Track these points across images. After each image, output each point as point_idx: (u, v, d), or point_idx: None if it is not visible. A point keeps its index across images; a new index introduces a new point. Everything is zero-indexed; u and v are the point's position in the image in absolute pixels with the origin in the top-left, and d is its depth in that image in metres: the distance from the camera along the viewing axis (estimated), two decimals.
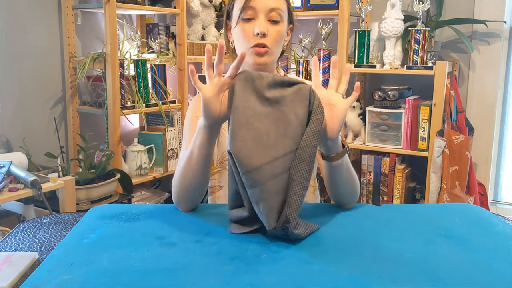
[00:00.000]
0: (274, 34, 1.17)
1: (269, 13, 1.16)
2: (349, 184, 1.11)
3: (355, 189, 1.13)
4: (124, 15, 2.75)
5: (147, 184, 2.83)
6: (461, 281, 0.79)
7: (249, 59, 1.19)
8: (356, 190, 1.13)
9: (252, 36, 1.16)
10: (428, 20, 2.48)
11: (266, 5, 1.15)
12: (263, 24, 1.15)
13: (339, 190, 1.11)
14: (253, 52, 1.17)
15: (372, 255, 0.88)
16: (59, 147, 2.35)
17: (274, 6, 1.16)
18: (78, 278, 0.78)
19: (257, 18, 1.16)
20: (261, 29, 1.14)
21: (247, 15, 1.16)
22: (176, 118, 2.72)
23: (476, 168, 2.52)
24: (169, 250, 0.89)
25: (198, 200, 1.13)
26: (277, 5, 1.17)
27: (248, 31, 1.17)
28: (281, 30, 1.18)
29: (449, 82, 2.35)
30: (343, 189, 1.11)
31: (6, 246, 0.96)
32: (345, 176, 1.09)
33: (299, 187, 0.91)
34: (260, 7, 1.15)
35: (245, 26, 1.17)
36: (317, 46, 2.75)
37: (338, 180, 1.09)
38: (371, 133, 2.54)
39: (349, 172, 1.10)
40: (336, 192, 1.12)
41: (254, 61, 1.18)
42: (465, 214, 1.11)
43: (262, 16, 1.16)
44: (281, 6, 1.18)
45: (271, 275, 0.80)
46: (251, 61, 1.19)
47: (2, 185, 1.71)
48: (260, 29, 1.14)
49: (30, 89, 2.32)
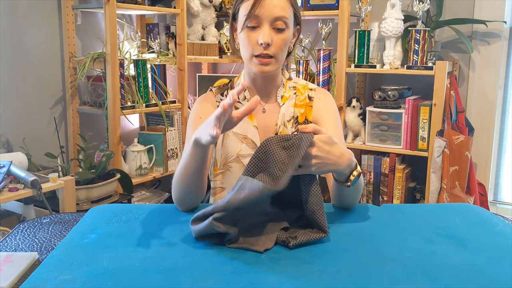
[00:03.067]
0: (279, 43, 1.16)
1: (274, 22, 1.15)
2: (354, 196, 1.12)
3: (357, 197, 1.14)
4: (124, 15, 2.75)
5: (147, 184, 2.83)
6: (461, 281, 0.79)
7: (254, 68, 1.19)
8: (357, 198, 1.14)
9: (256, 45, 1.16)
10: (428, 20, 2.48)
11: (271, 14, 1.14)
12: (267, 34, 1.14)
13: (342, 203, 1.14)
14: (257, 62, 1.17)
15: (372, 255, 0.88)
16: (59, 147, 2.35)
17: (279, 15, 1.14)
18: (78, 278, 0.78)
19: (262, 27, 1.15)
20: (265, 40, 1.13)
21: (252, 23, 1.15)
22: (176, 118, 2.72)
23: (476, 168, 2.52)
24: (169, 250, 0.89)
25: (197, 202, 1.14)
26: (282, 14, 1.15)
27: (253, 39, 1.16)
28: (286, 37, 1.17)
29: (449, 82, 2.35)
30: (347, 202, 1.14)
31: (6, 246, 0.96)
32: (351, 192, 1.10)
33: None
34: (265, 16, 1.14)
35: (250, 33, 1.16)
36: (317, 46, 2.75)
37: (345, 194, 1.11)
38: (371, 133, 2.54)
39: (357, 190, 1.11)
40: (340, 203, 1.15)
41: (259, 70, 1.18)
42: (465, 214, 1.11)
43: (266, 25, 1.14)
44: (287, 13, 1.16)
45: (271, 275, 0.80)
46: (256, 70, 1.19)
47: (2, 185, 1.71)
48: (264, 40, 1.13)
49: (30, 89, 2.32)
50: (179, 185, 1.09)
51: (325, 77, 2.58)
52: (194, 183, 1.08)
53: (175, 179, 1.11)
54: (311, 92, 1.31)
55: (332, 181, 1.12)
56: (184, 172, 1.07)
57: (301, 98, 1.30)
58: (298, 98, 1.30)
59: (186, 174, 1.07)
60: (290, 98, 1.30)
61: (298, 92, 1.31)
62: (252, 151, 1.27)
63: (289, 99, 1.29)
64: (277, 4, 1.14)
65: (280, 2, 1.15)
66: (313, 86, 1.33)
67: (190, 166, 1.05)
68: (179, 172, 1.09)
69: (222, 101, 1.07)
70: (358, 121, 2.57)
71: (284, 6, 1.15)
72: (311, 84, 1.34)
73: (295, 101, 1.30)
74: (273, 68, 1.19)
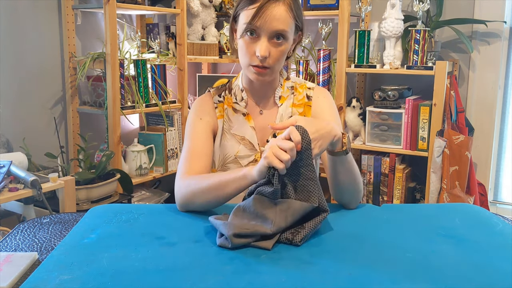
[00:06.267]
0: (276, 55, 1.15)
1: (273, 35, 1.13)
2: (351, 180, 1.10)
3: (357, 188, 1.12)
4: (124, 15, 2.75)
5: (147, 184, 2.83)
6: (461, 281, 0.79)
7: (250, 76, 1.19)
8: (358, 189, 1.13)
9: (253, 55, 1.15)
10: (428, 20, 2.48)
11: (271, 27, 1.12)
12: (264, 48, 1.12)
13: (340, 186, 1.11)
14: (254, 71, 1.17)
15: (372, 255, 0.88)
16: (59, 147, 2.35)
17: (278, 28, 1.12)
18: (78, 278, 0.78)
19: (260, 38, 1.13)
20: (262, 54, 1.12)
21: (251, 33, 1.14)
22: (176, 118, 2.72)
23: (476, 168, 2.52)
24: (169, 250, 0.89)
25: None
26: (282, 28, 1.13)
27: (250, 49, 1.15)
28: (284, 49, 1.16)
29: (449, 82, 2.35)
30: (344, 185, 1.11)
31: (6, 246, 0.96)
32: (346, 169, 1.09)
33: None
34: (265, 29, 1.12)
35: (248, 43, 1.15)
36: (317, 46, 2.75)
37: (339, 172, 1.09)
38: (371, 133, 2.54)
39: (351, 167, 1.10)
40: (338, 187, 1.12)
41: (254, 78, 1.19)
42: (465, 214, 1.11)
43: (265, 38, 1.13)
44: (287, 27, 1.13)
45: (271, 275, 0.80)
46: (252, 78, 1.19)
47: (2, 185, 1.71)
48: (261, 53, 1.12)
49: (30, 89, 2.32)
50: (201, 197, 1.08)
51: (325, 77, 2.58)
52: (218, 201, 1.09)
53: (197, 188, 1.08)
54: (310, 91, 1.31)
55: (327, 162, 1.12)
56: (215, 189, 1.06)
57: (299, 98, 1.30)
58: (296, 98, 1.30)
59: (217, 192, 1.06)
60: (288, 98, 1.29)
61: (296, 92, 1.30)
62: (250, 152, 1.27)
63: (287, 99, 1.29)
64: (277, 17, 1.11)
65: (282, 15, 1.12)
66: (311, 85, 1.33)
67: (226, 189, 1.05)
68: (208, 186, 1.07)
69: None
70: (358, 121, 2.57)
71: (285, 19, 1.12)
72: (309, 83, 1.33)
73: (293, 100, 1.29)
74: (269, 78, 1.20)
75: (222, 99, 1.30)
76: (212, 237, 0.95)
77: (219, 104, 1.30)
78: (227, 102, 1.30)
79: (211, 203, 1.09)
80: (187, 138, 1.24)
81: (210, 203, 1.09)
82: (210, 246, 0.91)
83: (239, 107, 1.28)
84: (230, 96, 1.30)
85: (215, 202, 1.09)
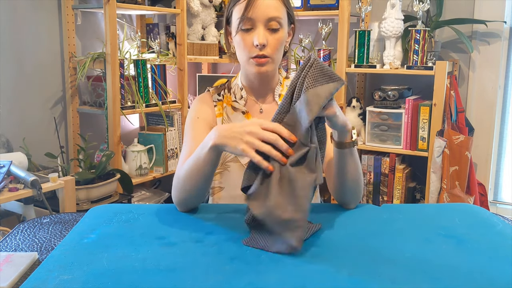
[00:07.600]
0: (274, 43, 1.16)
1: (268, 22, 1.15)
2: (356, 176, 1.10)
3: (359, 187, 1.12)
4: (124, 15, 2.75)
5: (147, 184, 2.83)
6: (461, 281, 0.79)
7: (251, 69, 1.19)
8: (359, 189, 1.13)
9: (252, 47, 1.16)
10: (428, 20, 2.48)
11: (265, 15, 1.14)
12: (262, 35, 1.14)
13: (344, 182, 1.11)
14: (254, 63, 1.17)
15: (372, 255, 0.88)
16: (59, 147, 2.35)
17: (272, 15, 1.15)
18: (78, 278, 0.78)
19: (256, 28, 1.15)
20: (260, 41, 1.14)
21: (246, 25, 1.15)
22: (176, 118, 2.72)
23: (476, 168, 2.52)
24: (169, 250, 0.89)
25: (199, 203, 1.13)
26: (275, 14, 1.15)
27: (248, 41, 1.16)
28: (281, 37, 1.17)
29: (449, 82, 2.35)
30: (348, 182, 1.10)
31: (6, 246, 0.96)
32: (353, 163, 1.09)
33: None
34: (259, 17, 1.14)
35: (245, 36, 1.16)
36: (317, 46, 2.75)
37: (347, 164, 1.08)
38: (371, 133, 2.54)
39: (357, 161, 1.10)
40: (341, 184, 1.11)
41: (256, 70, 1.19)
42: (465, 214, 1.11)
43: (261, 26, 1.15)
44: (280, 13, 1.16)
45: (271, 275, 0.80)
46: (253, 71, 1.19)
47: (2, 185, 1.71)
48: (259, 41, 1.14)
49: (30, 89, 2.32)
50: (185, 187, 1.08)
51: None
52: (202, 185, 1.07)
53: (180, 181, 1.09)
54: None
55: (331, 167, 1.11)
56: (193, 174, 1.06)
57: None
58: None
59: (195, 176, 1.06)
60: None
61: None
62: None
63: None
64: (270, 5, 1.14)
65: (273, 2, 1.15)
66: None
67: (201, 170, 1.04)
68: (186, 174, 1.07)
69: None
70: (358, 121, 2.57)
71: (277, 6, 1.15)
72: None
73: None
74: (270, 68, 1.20)
75: (221, 98, 1.31)
76: (212, 237, 0.95)
77: (218, 103, 1.30)
78: (226, 100, 1.30)
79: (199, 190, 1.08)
80: (186, 137, 1.24)
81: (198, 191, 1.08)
82: (210, 246, 0.91)
83: (238, 106, 1.28)
84: (229, 95, 1.30)
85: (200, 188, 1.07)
